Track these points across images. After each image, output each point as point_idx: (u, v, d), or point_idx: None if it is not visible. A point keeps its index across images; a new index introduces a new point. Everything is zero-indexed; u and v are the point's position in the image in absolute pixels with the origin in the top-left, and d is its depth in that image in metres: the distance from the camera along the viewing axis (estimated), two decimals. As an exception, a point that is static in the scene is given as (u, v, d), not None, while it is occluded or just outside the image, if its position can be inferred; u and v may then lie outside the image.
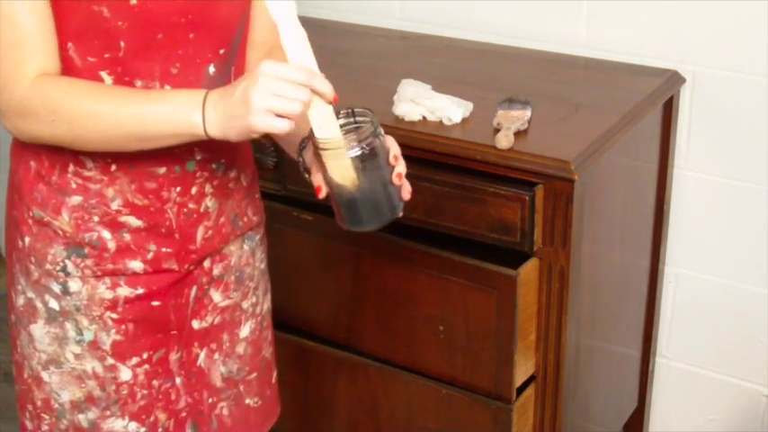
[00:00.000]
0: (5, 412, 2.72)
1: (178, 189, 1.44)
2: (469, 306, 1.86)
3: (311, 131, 1.31)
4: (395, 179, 1.34)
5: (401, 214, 1.38)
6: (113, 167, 1.40)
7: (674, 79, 2.13)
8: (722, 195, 2.21)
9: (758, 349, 2.26)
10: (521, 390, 1.90)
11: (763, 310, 2.23)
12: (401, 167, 1.35)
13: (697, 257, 2.28)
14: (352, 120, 1.35)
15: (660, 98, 2.07)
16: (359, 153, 1.30)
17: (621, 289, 2.16)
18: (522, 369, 1.88)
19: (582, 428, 2.07)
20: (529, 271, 1.82)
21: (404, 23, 2.47)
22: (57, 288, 1.44)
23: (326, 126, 1.29)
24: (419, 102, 1.92)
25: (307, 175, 1.39)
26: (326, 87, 1.27)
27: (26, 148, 1.41)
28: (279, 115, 1.24)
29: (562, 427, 1.94)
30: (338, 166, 1.30)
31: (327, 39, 2.40)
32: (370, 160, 1.31)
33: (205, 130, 1.28)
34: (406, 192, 1.37)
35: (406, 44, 2.40)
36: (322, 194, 1.35)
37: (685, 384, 2.37)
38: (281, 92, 1.23)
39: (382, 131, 1.34)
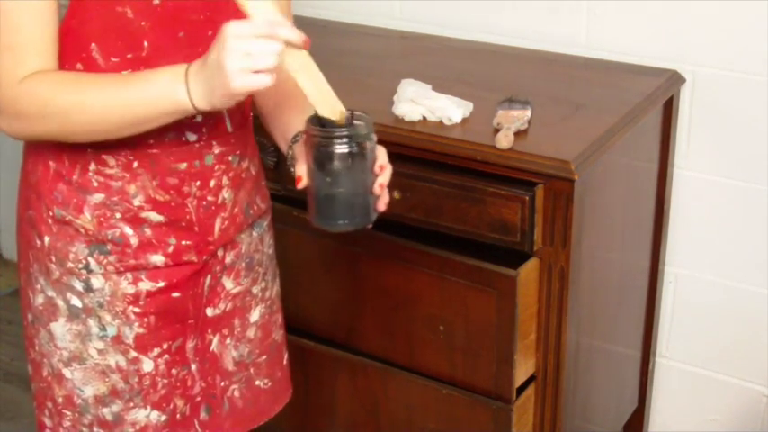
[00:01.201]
0: (5, 412, 2.73)
1: (198, 183, 1.46)
2: (469, 306, 1.86)
3: (307, 122, 1.32)
4: (376, 188, 1.36)
5: (370, 225, 1.39)
6: (135, 165, 1.41)
7: (674, 79, 2.13)
8: (722, 195, 2.21)
9: (758, 349, 2.26)
10: (521, 390, 1.90)
11: (763, 310, 2.23)
12: (384, 178, 1.36)
13: (697, 257, 2.28)
14: (349, 121, 1.35)
15: (660, 98, 2.07)
16: (347, 150, 1.31)
17: (621, 289, 2.16)
18: (522, 369, 1.88)
19: (582, 428, 2.07)
20: (529, 271, 1.82)
21: (404, 23, 2.47)
22: (79, 286, 1.46)
23: (307, 73, 1.28)
24: (419, 102, 1.92)
25: (292, 169, 1.40)
26: (294, 34, 1.25)
27: (44, 148, 1.42)
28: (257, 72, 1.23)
29: (562, 427, 1.94)
30: (350, 157, 1.31)
31: (327, 39, 2.40)
32: (357, 160, 1.32)
33: (193, 105, 1.28)
34: (383, 203, 1.38)
35: (406, 44, 2.40)
36: (301, 185, 1.36)
37: (685, 384, 2.37)
38: (251, 49, 1.22)
39: (375, 138, 1.35)
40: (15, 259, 2.91)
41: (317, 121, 1.33)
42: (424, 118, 1.92)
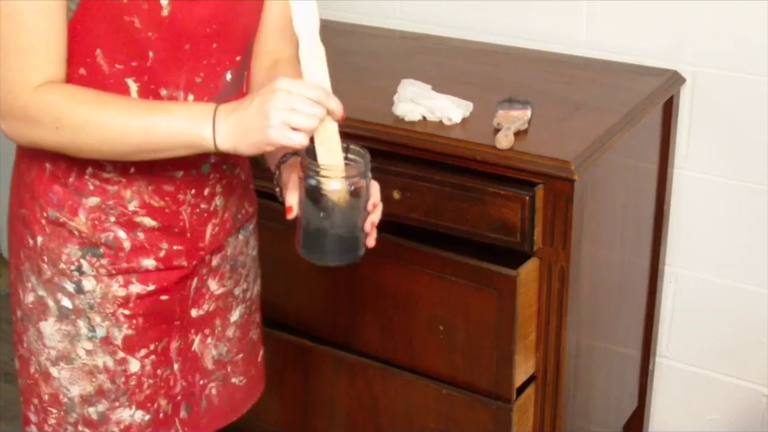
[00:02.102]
0: (5, 412, 2.73)
1: (193, 191, 1.47)
2: (469, 306, 1.86)
3: (303, 152, 1.32)
4: (367, 226, 1.37)
5: (357, 261, 1.40)
6: (132, 170, 1.41)
7: (674, 79, 2.13)
8: (722, 195, 2.21)
9: (758, 349, 2.26)
10: (521, 390, 1.90)
11: (763, 310, 2.23)
12: (376, 216, 1.38)
13: (697, 257, 2.28)
14: (344, 155, 1.35)
15: (660, 98, 2.07)
16: (343, 189, 1.31)
17: (621, 289, 2.16)
18: (522, 369, 1.88)
19: (582, 428, 2.07)
20: (529, 271, 1.82)
21: (404, 23, 2.47)
22: (70, 287, 1.46)
23: (328, 143, 1.31)
24: (419, 102, 1.92)
25: (278, 190, 1.41)
26: (338, 107, 1.30)
27: (41, 149, 1.41)
28: (294, 129, 1.26)
29: (562, 427, 1.94)
30: (333, 191, 1.31)
31: (327, 39, 2.38)
32: (352, 198, 1.32)
33: (215, 144, 1.29)
34: (372, 239, 1.40)
35: (406, 44, 2.40)
36: (292, 215, 1.37)
37: (685, 384, 2.37)
38: (299, 107, 1.25)
39: (370, 176, 1.35)
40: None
41: (314, 154, 1.32)
42: (424, 118, 1.92)
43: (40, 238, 1.45)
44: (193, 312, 1.56)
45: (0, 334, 3.00)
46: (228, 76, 1.42)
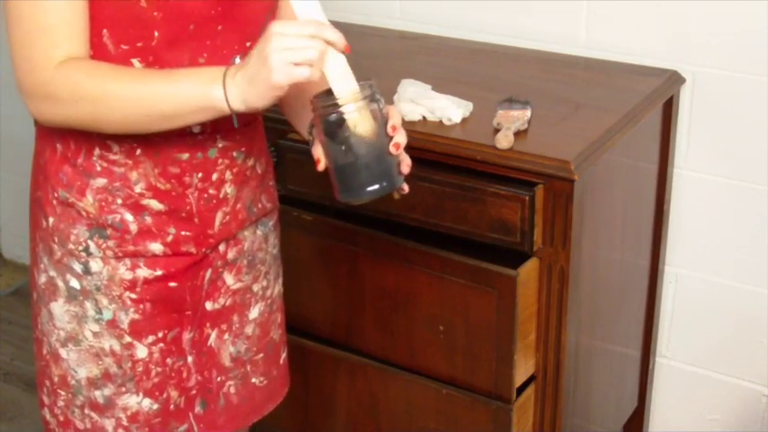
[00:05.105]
0: (5, 412, 2.73)
1: (200, 175, 1.47)
2: (469, 306, 1.86)
3: (313, 99, 1.31)
4: (392, 148, 1.33)
5: (405, 189, 1.37)
6: (138, 152, 1.43)
7: (674, 79, 2.13)
8: (722, 195, 2.21)
9: (758, 349, 2.26)
10: (521, 390, 1.90)
11: (763, 310, 2.23)
12: (400, 138, 1.34)
13: (697, 257, 2.28)
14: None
15: (660, 98, 2.07)
16: (354, 113, 1.29)
17: (621, 289, 2.16)
18: (522, 369, 1.88)
19: (582, 428, 2.07)
20: (529, 271, 1.82)
21: (404, 23, 2.47)
22: (78, 268, 1.47)
23: (342, 77, 1.30)
24: (419, 102, 1.92)
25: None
26: (337, 36, 1.28)
27: (52, 130, 1.44)
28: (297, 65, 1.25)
29: (562, 427, 1.94)
30: (347, 119, 1.29)
31: (327, 39, 2.39)
32: (367, 122, 1.30)
33: (228, 104, 1.30)
34: (405, 165, 1.36)
35: (406, 44, 2.40)
36: (321, 166, 1.35)
37: (685, 384, 2.37)
38: (295, 44, 1.25)
39: (382, 100, 1.33)
40: (15, 259, 2.92)
41: (322, 95, 1.32)
42: (424, 118, 1.92)
43: (51, 219, 1.47)
44: (208, 305, 1.56)
45: (0, 334, 3.01)
46: (237, 60, 1.43)
